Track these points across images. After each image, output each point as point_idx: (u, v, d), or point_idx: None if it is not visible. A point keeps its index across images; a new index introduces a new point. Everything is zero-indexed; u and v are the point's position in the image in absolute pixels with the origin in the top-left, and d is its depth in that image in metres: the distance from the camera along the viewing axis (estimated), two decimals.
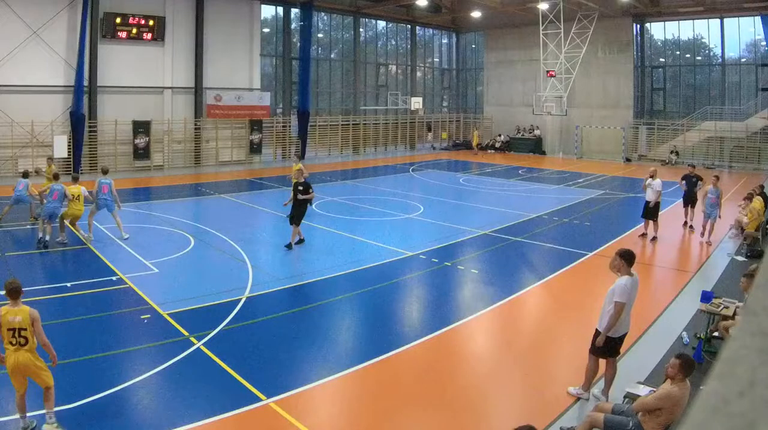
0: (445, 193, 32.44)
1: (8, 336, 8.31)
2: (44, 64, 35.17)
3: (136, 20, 38.42)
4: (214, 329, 12.34)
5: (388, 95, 54.17)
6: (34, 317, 8.45)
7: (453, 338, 12.59)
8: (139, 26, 38.59)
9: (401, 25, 56.68)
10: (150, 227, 21.61)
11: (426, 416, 9.55)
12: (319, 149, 49.92)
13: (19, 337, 8.31)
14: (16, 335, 8.31)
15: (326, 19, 51.38)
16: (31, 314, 8.44)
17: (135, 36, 38.56)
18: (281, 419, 9.08)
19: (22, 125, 34.46)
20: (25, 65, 34.37)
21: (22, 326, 8.31)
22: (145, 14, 38.67)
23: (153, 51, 39.50)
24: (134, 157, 38.81)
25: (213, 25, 42.01)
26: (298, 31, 47.64)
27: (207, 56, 41.87)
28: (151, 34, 39.16)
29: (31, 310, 8.50)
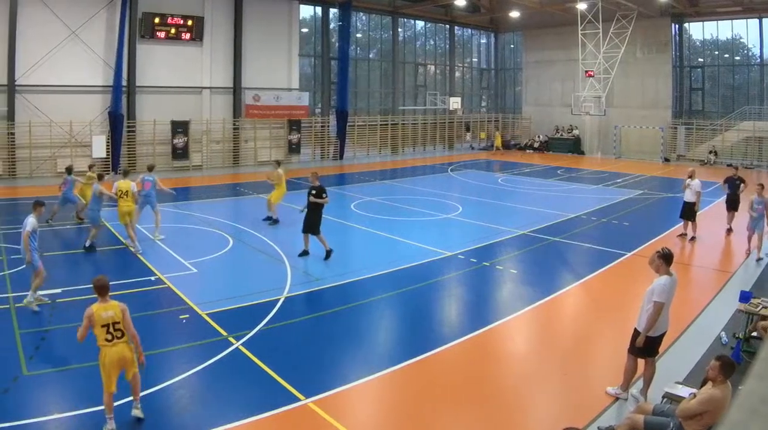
0: (483, 193, 31.48)
1: (103, 332, 8.38)
2: (83, 64, 34.13)
3: (175, 20, 37.29)
4: (253, 329, 12.08)
5: (426, 95, 52.36)
6: (124, 309, 8.57)
7: (491, 338, 12.34)
8: (177, 26, 37.45)
9: (440, 25, 54.94)
10: (189, 227, 20.94)
11: (465, 416, 9.24)
12: (357, 149, 48.46)
13: (115, 331, 8.42)
14: (111, 329, 8.40)
15: (365, 18, 49.92)
16: (121, 306, 8.56)
17: (173, 36, 37.45)
18: (320, 419, 8.90)
19: (60, 125, 33.43)
20: (64, 65, 33.35)
21: (115, 320, 8.42)
22: (184, 14, 37.53)
23: (191, 51, 38.32)
24: (173, 157, 37.67)
25: (251, 25, 40.74)
26: (336, 31, 46.22)
27: (245, 56, 40.61)
28: (190, 34, 37.99)
29: (120, 303, 8.64)
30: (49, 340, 11.56)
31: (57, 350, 11.28)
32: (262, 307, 13.44)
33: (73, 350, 10.70)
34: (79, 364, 10.32)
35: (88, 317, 8.39)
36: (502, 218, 24.15)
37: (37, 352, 10.86)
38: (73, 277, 14.63)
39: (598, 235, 21.55)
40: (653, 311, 9.14)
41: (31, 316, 12.64)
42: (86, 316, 8.41)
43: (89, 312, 8.42)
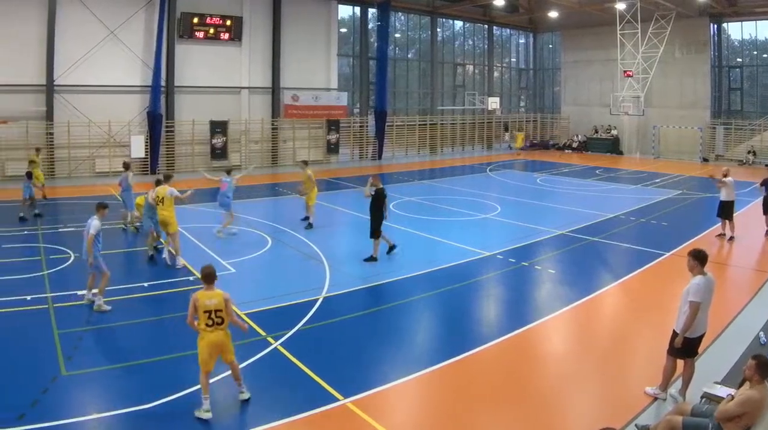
0: (522, 193, 30.33)
1: (204, 318, 8.58)
2: (121, 64, 32.97)
3: (214, 20, 35.98)
4: (292, 329, 11.84)
5: (465, 95, 50.77)
6: (227, 299, 8.73)
7: (530, 338, 12.02)
8: (216, 26, 36.15)
9: (478, 25, 52.92)
10: (228, 228, 19.86)
11: (503, 416, 9.11)
12: (396, 149, 46.83)
13: (216, 317, 8.62)
14: (212, 316, 8.60)
15: (403, 19, 48.21)
16: (224, 295, 8.71)
17: (212, 36, 36.14)
18: (358, 419, 8.68)
19: (99, 125, 32.26)
20: (102, 65, 32.21)
21: (218, 307, 8.61)
22: (223, 14, 36.20)
23: (230, 51, 36.97)
24: (211, 157, 36.30)
25: (290, 25, 39.29)
26: (375, 31, 44.62)
27: (284, 56, 39.19)
28: (229, 34, 36.66)
29: (224, 292, 8.77)
30: (88, 340, 11.25)
31: (95, 350, 10.96)
32: (301, 307, 13.10)
33: (111, 350, 10.87)
34: (117, 364, 10.23)
35: (193, 303, 8.63)
36: (540, 217, 23.40)
37: (76, 352, 10.58)
38: (112, 277, 13.65)
39: (637, 235, 20.98)
40: (689, 311, 8.93)
41: (69, 316, 12.31)
42: (192, 301, 8.66)
43: (194, 298, 8.66)
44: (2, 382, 9.48)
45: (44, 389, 9.17)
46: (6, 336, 11.40)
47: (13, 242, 18.24)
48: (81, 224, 18.52)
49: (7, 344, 11.00)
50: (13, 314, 12.42)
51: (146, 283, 14.45)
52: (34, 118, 30.63)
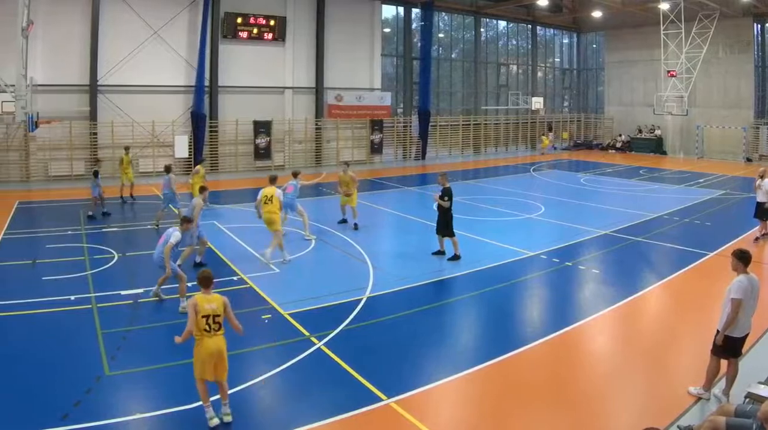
0: (565, 193, 28.98)
1: (203, 323, 8.04)
2: (165, 64, 31.55)
3: (257, 20, 34.34)
4: (335, 329, 11.43)
5: (508, 95, 48.55)
6: (226, 303, 8.26)
7: (574, 338, 11.59)
8: (259, 26, 34.49)
9: (522, 24, 50.41)
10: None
11: (547, 416, 8.73)
12: (439, 149, 44.63)
13: (214, 323, 8.10)
14: (210, 321, 8.07)
15: (447, 19, 45.96)
16: (223, 299, 8.26)
17: (256, 36, 34.48)
18: (402, 419, 8.43)
19: (143, 125, 30.88)
20: (146, 65, 30.81)
21: (216, 312, 8.11)
22: (266, 14, 34.54)
23: (274, 51, 35.29)
24: (255, 157, 34.78)
25: (334, 25, 37.47)
26: (418, 30, 42.60)
27: (328, 56, 37.36)
28: (272, 34, 35.00)
29: (222, 296, 8.31)
30: (131, 340, 10.94)
31: (138, 350, 10.55)
32: (345, 307, 12.67)
33: (154, 350, 10.49)
34: (161, 364, 9.89)
35: (192, 307, 8.05)
36: (584, 217, 22.53)
37: (119, 352, 10.32)
38: (156, 277, 13.16)
39: (681, 235, 20.22)
40: (731, 308, 8.67)
41: (113, 316, 11.91)
42: (190, 305, 8.08)
43: (193, 301, 8.10)
44: (46, 382, 9.21)
45: (88, 389, 8.91)
46: (50, 336, 11.04)
47: (57, 242, 17.62)
48: (125, 224, 18.75)
49: (52, 344, 10.66)
50: (58, 314, 12.05)
51: (190, 283, 13.47)
52: (77, 118, 29.37)
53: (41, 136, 28.08)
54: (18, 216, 21.49)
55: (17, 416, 8.23)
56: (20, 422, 8.06)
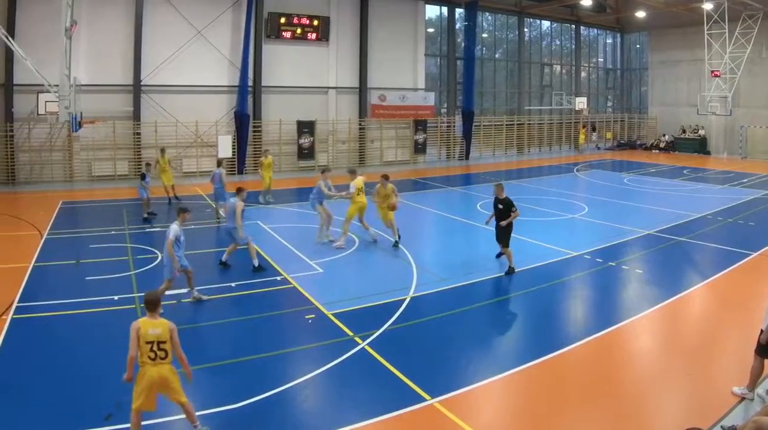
0: (609, 193, 27.54)
1: (147, 349, 6.94)
2: (208, 65, 29.85)
3: (301, 20, 32.43)
4: (379, 329, 10.93)
5: (552, 95, 45.70)
6: (173, 329, 7.08)
7: (617, 338, 11.05)
8: (303, 26, 32.60)
9: (565, 24, 47.63)
10: (315, 227, 18.00)
11: (590, 416, 8.29)
12: (483, 149, 42.28)
13: (159, 350, 6.98)
14: (155, 347, 6.97)
15: (490, 18, 43.41)
16: (169, 325, 7.07)
17: (299, 36, 32.61)
18: (446, 419, 7.97)
19: (186, 125, 29.24)
20: (189, 65, 29.18)
21: (161, 338, 6.97)
22: (310, 14, 32.63)
23: (317, 51, 33.35)
24: (298, 157, 32.85)
25: (377, 25, 35.37)
26: (462, 30, 40.22)
27: (371, 56, 35.28)
28: (316, 34, 33.08)
29: (169, 322, 7.12)
30: None
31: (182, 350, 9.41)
32: (388, 307, 12.09)
33: (197, 350, 9.67)
34: (204, 364, 9.25)
35: (134, 331, 6.98)
36: (627, 217, 21.50)
37: None
38: (199, 277, 12.90)
39: (724, 235, 19.30)
40: None
41: None
42: (132, 329, 7.00)
43: (135, 325, 7.03)
44: (90, 383, 8.79)
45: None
46: (93, 337, 10.56)
47: (101, 242, 16.88)
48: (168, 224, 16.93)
49: (95, 345, 10.19)
50: (101, 315, 11.54)
51: (233, 283, 13.32)
52: (121, 118, 27.87)
53: (85, 136, 26.76)
54: (61, 216, 20.60)
55: (61, 416, 7.81)
56: (64, 423, 7.65)
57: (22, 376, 8.99)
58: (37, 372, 9.09)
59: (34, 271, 14.19)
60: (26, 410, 8.02)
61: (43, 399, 8.29)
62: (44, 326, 10.96)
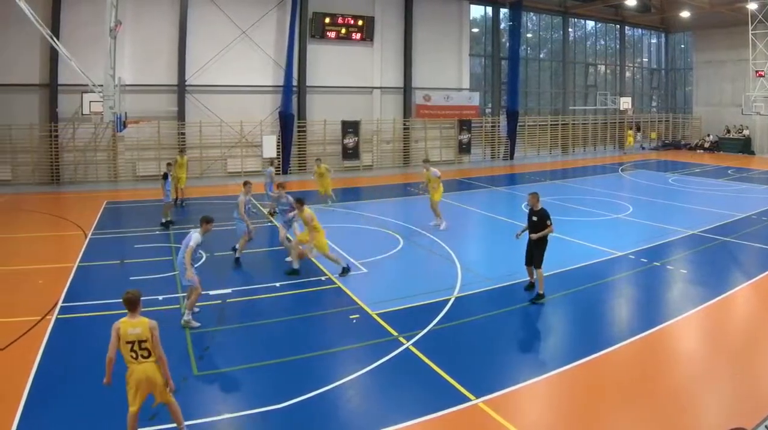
0: (654, 193, 25.73)
1: (127, 350, 6.39)
2: (253, 65, 27.80)
3: (345, 20, 30.20)
4: (423, 329, 10.11)
5: (596, 95, 42.53)
6: (153, 327, 6.45)
7: (662, 338, 10.11)
8: (348, 26, 30.37)
9: (610, 24, 44.29)
10: (359, 227, 17.88)
11: (634, 416, 7.66)
12: (528, 149, 39.44)
13: (141, 349, 6.41)
14: (136, 347, 6.40)
15: (535, 19, 40.41)
16: (150, 324, 6.45)
17: (344, 36, 30.37)
18: (490, 419, 7.40)
19: (231, 125, 27.30)
20: (234, 65, 27.17)
21: (141, 337, 6.38)
22: (354, 14, 30.37)
23: (362, 51, 31.06)
24: (343, 157, 30.62)
25: (422, 25, 32.83)
26: (507, 30, 37.40)
27: (416, 56, 32.77)
28: (360, 34, 30.85)
29: (149, 320, 6.49)
30: (219, 340, 9.77)
31: (226, 350, 9.45)
32: (433, 307, 11.32)
33: (242, 350, 9.42)
34: (248, 364, 8.83)
35: (114, 331, 6.37)
36: (672, 217, 20.20)
37: (207, 352, 9.29)
38: (244, 277, 12.98)
39: None
40: None
41: (200, 316, 10.56)
42: (113, 329, 6.39)
43: (116, 326, 6.41)
44: None
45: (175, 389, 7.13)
46: None
47: (145, 242, 15.94)
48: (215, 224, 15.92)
49: None
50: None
51: (278, 283, 12.52)
52: (165, 118, 26.08)
53: (129, 136, 25.04)
54: (106, 216, 19.42)
55: (106, 416, 7.22)
56: (110, 422, 7.07)
57: (66, 376, 8.42)
58: (82, 372, 8.45)
59: (79, 271, 13.31)
60: (71, 410, 7.48)
61: (87, 399, 7.71)
62: (88, 326, 10.26)
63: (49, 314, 10.59)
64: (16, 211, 20.44)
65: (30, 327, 10.02)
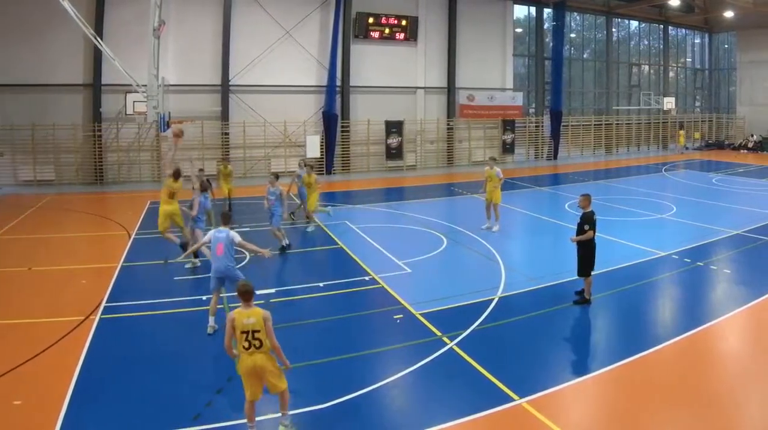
0: (697, 193, 23.85)
1: (242, 339, 6.04)
2: (296, 64, 25.55)
3: (389, 20, 27.76)
4: (467, 329, 9.28)
5: (640, 95, 38.86)
6: (266, 318, 6.08)
7: (706, 338, 9.32)
8: (391, 26, 27.94)
9: (654, 24, 40.76)
10: (403, 227, 16.82)
11: (679, 416, 6.98)
12: (571, 149, 36.35)
13: (254, 339, 6.04)
14: (249, 337, 6.04)
15: (578, 19, 37.23)
16: (264, 314, 6.09)
17: (387, 36, 27.93)
18: (534, 419, 6.79)
19: (274, 125, 25.30)
20: (277, 65, 24.99)
21: (255, 328, 6.03)
22: (398, 14, 27.88)
23: (405, 51, 28.52)
24: (386, 157, 28.17)
25: (465, 25, 30.14)
26: (550, 30, 34.38)
27: (459, 56, 30.08)
28: (404, 34, 28.37)
29: (263, 311, 6.14)
30: None
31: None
32: (477, 307, 10.34)
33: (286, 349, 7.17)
34: (292, 364, 6.95)
35: (230, 322, 6.09)
36: (716, 217, 18.68)
37: None
38: (287, 277, 12.21)
39: None
40: None
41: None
42: (228, 320, 6.12)
43: (230, 316, 6.11)
44: (179, 382, 7.53)
45: (219, 389, 7.28)
46: (183, 336, 9.17)
47: None
48: (258, 224, 15.97)
49: (184, 344, 8.82)
50: (189, 314, 10.09)
51: (321, 283, 11.59)
52: (209, 118, 24.11)
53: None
54: (149, 216, 17.82)
55: (151, 415, 6.70)
56: (153, 422, 6.55)
57: (110, 376, 7.85)
58: (125, 372, 7.93)
59: (123, 271, 12.55)
60: (115, 410, 6.95)
61: (130, 399, 7.21)
62: (132, 326, 9.66)
63: (92, 314, 9.91)
64: (60, 212, 18.90)
65: (74, 327, 9.33)
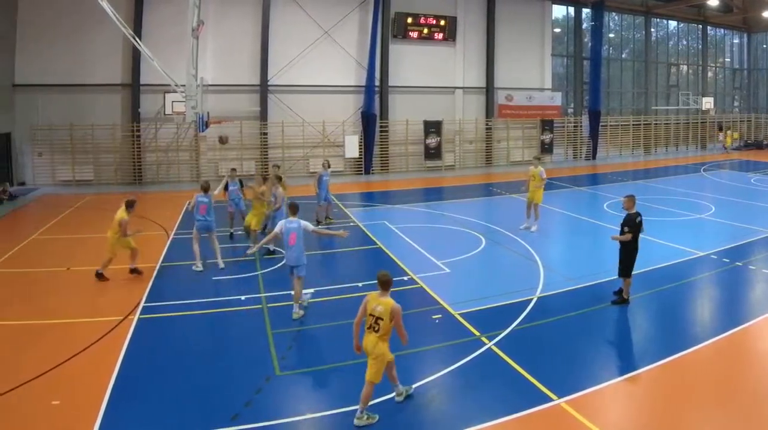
0: (736, 193, 22.23)
1: (370, 320, 6.19)
2: (335, 65, 23.67)
3: (427, 20, 25.71)
4: (506, 329, 8.59)
5: (678, 95, 35.89)
6: (395, 312, 6.09)
7: (744, 338, 8.54)
8: (430, 26, 25.91)
9: (692, 24, 37.65)
10: (441, 227, 15.75)
11: (716, 416, 6.45)
12: (610, 149, 33.67)
13: (375, 323, 6.16)
14: (374, 322, 6.17)
15: (617, 19, 34.44)
16: (393, 307, 6.09)
17: (426, 36, 25.89)
18: (572, 419, 6.29)
19: (313, 125, 23.61)
20: (316, 65, 23.10)
21: (381, 315, 6.12)
22: (437, 14, 25.81)
23: (444, 51, 26.44)
24: (425, 157, 26.08)
25: (504, 25, 27.84)
26: (589, 30, 31.76)
27: (498, 56, 27.76)
28: (443, 34, 26.34)
29: (394, 304, 6.12)
30: (301, 340, 8.37)
31: (309, 350, 8.14)
32: (515, 307, 9.52)
33: (324, 350, 8.20)
34: (331, 364, 7.58)
35: (364, 302, 6.24)
36: (755, 217, 17.37)
37: (289, 352, 7.93)
38: (326, 277, 11.07)
39: None
40: None
41: (283, 316, 9.05)
42: (363, 302, 6.26)
43: (367, 298, 6.26)
44: (218, 382, 7.01)
45: (258, 389, 6.79)
46: (222, 336, 8.59)
47: (228, 242, 14.08)
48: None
49: (223, 344, 8.24)
50: (228, 314, 9.40)
51: (360, 283, 10.66)
52: (248, 118, 22.47)
53: (211, 135, 21.88)
54: (188, 216, 16.34)
55: (189, 415, 6.27)
56: (192, 422, 6.14)
57: (148, 376, 7.24)
58: (163, 372, 7.31)
59: (161, 271, 11.88)
60: (153, 410, 6.40)
61: (168, 399, 6.63)
62: (171, 326, 9.04)
63: (131, 314, 9.38)
64: (99, 211, 17.48)
65: (112, 327, 8.84)
